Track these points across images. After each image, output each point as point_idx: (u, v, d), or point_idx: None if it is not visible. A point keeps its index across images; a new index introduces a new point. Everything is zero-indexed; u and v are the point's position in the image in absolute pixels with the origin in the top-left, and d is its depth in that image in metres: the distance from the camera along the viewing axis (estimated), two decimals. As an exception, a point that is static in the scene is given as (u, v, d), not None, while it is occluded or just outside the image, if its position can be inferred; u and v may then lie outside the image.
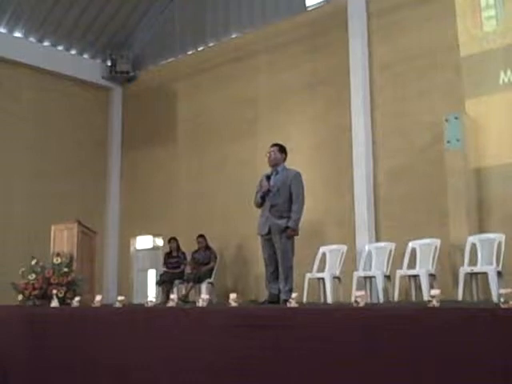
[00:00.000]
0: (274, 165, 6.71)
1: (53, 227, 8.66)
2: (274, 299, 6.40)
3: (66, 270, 7.37)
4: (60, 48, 13.38)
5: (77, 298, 6.49)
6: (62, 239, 8.46)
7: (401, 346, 3.57)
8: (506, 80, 8.51)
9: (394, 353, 3.59)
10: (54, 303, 6.72)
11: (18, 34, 12.69)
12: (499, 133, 8.47)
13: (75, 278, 7.38)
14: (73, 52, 13.60)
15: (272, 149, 6.76)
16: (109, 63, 13.78)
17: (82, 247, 8.51)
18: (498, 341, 3.20)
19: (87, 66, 13.70)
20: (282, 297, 6.26)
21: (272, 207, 6.50)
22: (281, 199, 6.50)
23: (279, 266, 6.47)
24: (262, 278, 10.65)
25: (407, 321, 3.65)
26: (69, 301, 6.80)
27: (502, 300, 3.42)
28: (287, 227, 6.44)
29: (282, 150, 6.76)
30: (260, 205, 6.68)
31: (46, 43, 13.14)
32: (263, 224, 6.60)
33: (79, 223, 8.59)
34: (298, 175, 6.66)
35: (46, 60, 12.79)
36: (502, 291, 3.55)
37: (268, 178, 6.63)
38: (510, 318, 3.25)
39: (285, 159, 6.76)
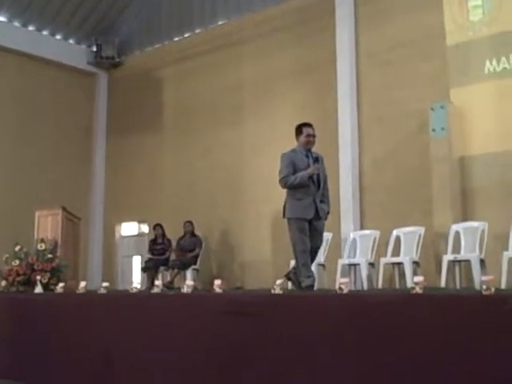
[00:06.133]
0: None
1: (37, 213, 8.62)
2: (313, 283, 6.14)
3: (50, 256, 7.36)
4: (45, 33, 13.23)
5: (61, 284, 6.48)
6: (47, 225, 8.43)
7: (384, 332, 3.60)
8: (492, 69, 8.54)
9: (377, 338, 3.62)
10: (38, 289, 6.71)
11: (1, 19, 12.51)
12: (484, 122, 8.51)
13: (59, 264, 7.37)
14: (58, 37, 13.45)
15: (313, 131, 6.26)
16: (94, 49, 13.65)
17: (67, 233, 8.48)
18: (479, 327, 3.24)
19: (72, 52, 13.57)
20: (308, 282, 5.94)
21: (318, 191, 6.12)
22: (322, 183, 6.22)
23: (319, 251, 6.35)
24: (248, 264, 10.80)
25: (390, 307, 3.68)
26: (53, 287, 6.80)
27: (483, 287, 3.45)
28: (328, 212, 6.32)
29: None
30: (303, 186, 6.04)
31: (30, 28, 12.99)
32: (307, 208, 6.02)
33: (64, 209, 8.55)
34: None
35: (31, 45, 12.64)
36: (484, 278, 3.58)
37: (316, 159, 6.15)
38: (492, 304, 3.29)
39: None
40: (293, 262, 8.63)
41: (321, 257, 8.78)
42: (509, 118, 8.32)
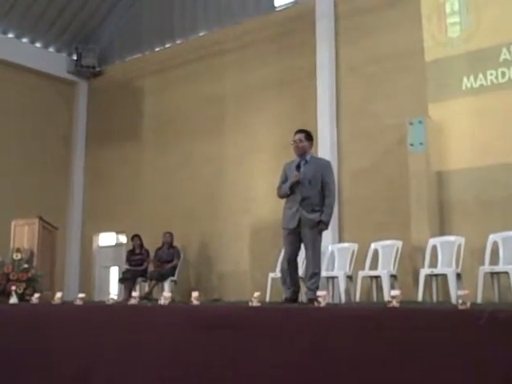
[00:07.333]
0: (302, 153, 6.11)
1: (13, 222, 8.52)
2: (294, 297, 6.07)
3: (25, 266, 7.29)
4: (25, 40, 13.15)
5: (36, 295, 6.41)
6: (23, 235, 8.34)
7: (361, 346, 3.61)
8: (469, 85, 8.66)
9: (354, 352, 3.63)
10: (13, 300, 6.62)
11: (-19, 25, 12.46)
12: (460, 137, 8.61)
13: (35, 275, 7.30)
14: (38, 45, 13.38)
15: (298, 136, 6.15)
16: (74, 57, 13.60)
17: (43, 243, 8.39)
18: (455, 341, 3.26)
19: (52, 60, 13.49)
20: (309, 295, 5.78)
21: (303, 200, 5.92)
22: (313, 191, 5.94)
23: (309, 261, 6.01)
24: (226, 276, 10.76)
25: (367, 321, 3.69)
26: (28, 297, 6.72)
27: (459, 301, 3.48)
28: (320, 221, 5.92)
29: (309, 136, 6.21)
30: (287, 196, 6.08)
31: (10, 35, 12.90)
32: (291, 217, 6.00)
33: (41, 219, 8.47)
34: (329, 165, 6.22)
35: (10, 52, 12.56)
36: (460, 293, 3.61)
37: (298, 167, 6.03)
38: (467, 318, 3.31)
39: (311, 146, 6.23)
40: (271, 275, 8.71)
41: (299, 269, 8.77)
42: (485, 133, 8.42)
